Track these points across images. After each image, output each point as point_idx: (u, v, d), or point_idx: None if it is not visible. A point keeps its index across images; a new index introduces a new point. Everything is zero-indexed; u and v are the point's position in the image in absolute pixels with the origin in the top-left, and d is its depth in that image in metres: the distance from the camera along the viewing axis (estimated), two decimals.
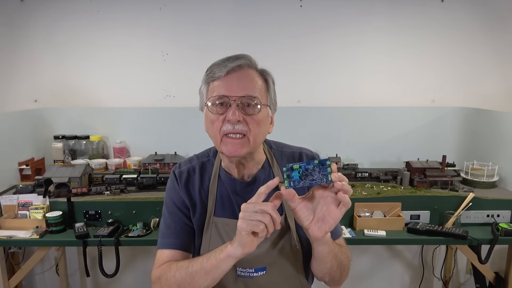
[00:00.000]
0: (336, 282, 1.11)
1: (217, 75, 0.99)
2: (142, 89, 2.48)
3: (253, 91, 0.99)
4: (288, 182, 0.86)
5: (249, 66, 1.01)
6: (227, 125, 0.97)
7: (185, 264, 1.00)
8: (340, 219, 0.88)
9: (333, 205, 0.87)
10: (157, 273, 1.06)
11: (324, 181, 0.85)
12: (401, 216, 1.87)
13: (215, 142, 1.03)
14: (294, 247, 1.09)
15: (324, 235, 0.91)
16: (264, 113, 1.01)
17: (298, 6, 2.41)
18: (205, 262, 0.95)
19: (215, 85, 1.00)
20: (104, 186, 1.98)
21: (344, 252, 1.09)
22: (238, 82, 0.98)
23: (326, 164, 0.85)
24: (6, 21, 2.37)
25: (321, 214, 0.89)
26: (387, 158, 2.47)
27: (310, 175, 0.85)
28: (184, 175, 1.13)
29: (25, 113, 2.32)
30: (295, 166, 0.86)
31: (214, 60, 1.05)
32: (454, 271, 2.59)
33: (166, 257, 1.08)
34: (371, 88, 2.48)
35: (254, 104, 0.99)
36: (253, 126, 0.98)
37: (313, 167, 0.85)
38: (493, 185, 2.11)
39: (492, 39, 2.42)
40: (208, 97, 1.01)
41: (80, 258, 2.59)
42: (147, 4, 2.39)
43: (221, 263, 0.93)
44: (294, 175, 0.86)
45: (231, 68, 0.98)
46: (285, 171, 0.87)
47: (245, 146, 0.99)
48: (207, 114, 1.02)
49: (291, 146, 1.21)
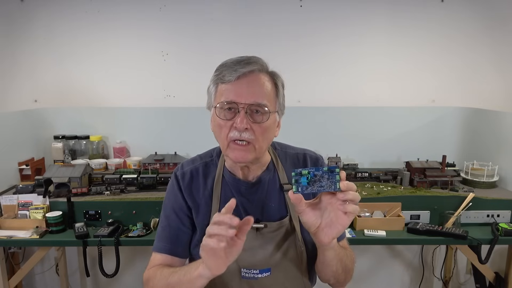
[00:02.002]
0: (340, 284, 1.11)
1: (227, 79, 0.97)
2: (142, 89, 2.48)
3: (262, 98, 0.97)
4: (296, 187, 0.85)
5: (260, 71, 1.00)
6: (234, 132, 0.97)
7: (167, 274, 1.01)
8: (349, 224, 0.87)
9: (341, 211, 0.86)
10: (147, 276, 1.08)
11: (332, 189, 0.84)
12: (401, 216, 1.87)
13: (222, 146, 1.03)
14: (298, 249, 1.09)
15: (331, 241, 0.91)
16: (272, 120, 1.00)
17: (298, 6, 2.41)
18: (182, 276, 0.95)
19: (224, 88, 0.98)
20: (104, 186, 1.99)
21: (349, 255, 1.09)
22: (247, 88, 0.97)
23: (335, 171, 0.83)
24: (6, 21, 2.37)
25: (328, 220, 0.88)
26: (387, 158, 2.47)
27: (318, 182, 0.85)
28: (187, 176, 1.12)
29: (25, 113, 2.32)
30: (303, 172, 0.85)
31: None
32: (454, 271, 2.59)
33: (157, 261, 1.09)
34: (371, 88, 2.49)
35: (262, 111, 0.98)
36: (260, 134, 0.98)
37: (321, 174, 0.84)
38: (493, 185, 2.11)
39: (492, 39, 2.42)
40: (216, 99, 1.00)
41: (80, 258, 2.59)
42: (147, 4, 2.39)
43: (195, 281, 0.91)
44: (303, 180, 0.85)
45: (242, 73, 0.96)
46: (294, 175, 0.86)
47: (250, 153, 0.99)
48: (215, 117, 1.01)
49: (295, 147, 1.21)
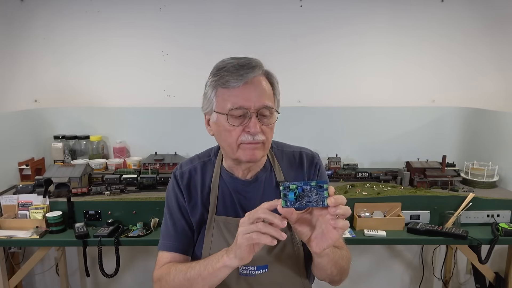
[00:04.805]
0: (336, 282, 1.12)
1: (232, 85, 0.96)
2: (142, 89, 2.48)
3: (269, 101, 0.99)
4: (285, 202, 0.85)
5: (261, 74, 1.01)
6: (247, 135, 0.98)
7: (184, 269, 1.01)
8: (339, 239, 0.88)
9: (331, 225, 0.85)
10: (158, 274, 1.08)
11: (320, 204, 0.83)
12: (401, 216, 1.87)
13: (230, 149, 1.02)
14: (296, 246, 1.10)
15: (322, 251, 0.91)
16: (275, 119, 1.03)
17: (298, 6, 2.41)
18: (203, 269, 0.97)
19: (230, 94, 0.97)
20: (104, 186, 1.98)
21: (344, 255, 1.09)
22: (255, 92, 0.98)
23: (323, 187, 0.82)
24: (6, 21, 2.37)
25: (319, 232, 0.89)
26: (387, 158, 2.47)
27: (306, 197, 0.84)
28: (185, 175, 1.13)
29: (25, 113, 2.31)
30: (291, 186, 0.84)
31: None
32: (454, 271, 2.59)
33: (166, 259, 1.10)
34: (371, 88, 2.48)
35: (270, 113, 1.00)
36: (269, 134, 1.02)
37: (310, 189, 0.83)
38: (493, 185, 2.11)
39: (492, 39, 2.41)
40: (219, 105, 1.00)
41: (80, 258, 2.59)
42: (147, 4, 2.39)
43: (218, 272, 0.94)
44: (290, 195, 0.84)
45: (249, 79, 0.96)
46: (282, 190, 0.85)
47: (261, 151, 1.02)
48: (223, 123, 0.99)
49: (291, 145, 1.22)
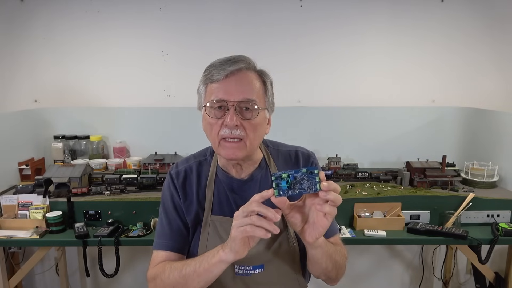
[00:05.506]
0: (332, 280, 1.12)
1: (215, 78, 0.99)
2: (142, 89, 2.48)
3: (251, 95, 0.99)
4: (278, 191, 0.86)
5: (248, 69, 1.02)
6: (225, 129, 0.99)
7: (179, 266, 1.01)
8: (329, 226, 0.89)
9: (321, 212, 0.87)
10: (153, 273, 1.08)
11: (312, 190, 0.84)
12: (401, 216, 1.87)
13: (213, 144, 1.05)
14: (291, 245, 1.10)
15: (315, 241, 0.92)
16: (261, 117, 1.02)
17: (298, 6, 2.41)
18: (198, 266, 0.97)
19: (214, 87, 1.00)
20: (104, 186, 1.98)
21: (339, 251, 1.09)
22: (236, 85, 0.98)
23: (314, 172, 0.83)
24: (6, 21, 2.37)
25: (312, 220, 0.90)
26: (387, 158, 2.47)
27: (298, 184, 0.85)
28: (181, 174, 1.14)
29: (25, 113, 2.32)
30: (283, 175, 0.85)
31: (214, 59, 1.04)
32: (454, 271, 2.59)
33: (161, 258, 1.10)
34: (371, 88, 2.48)
35: (251, 108, 0.99)
36: (250, 131, 1.00)
37: (301, 176, 0.84)
38: (493, 185, 2.11)
39: (492, 39, 2.42)
40: (206, 99, 1.02)
41: (80, 258, 2.59)
42: (147, 4, 2.39)
43: (213, 268, 0.94)
44: (283, 184, 0.85)
45: (230, 72, 0.98)
46: (274, 180, 0.86)
47: (242, 150, 1.01)
48: (205, 116, 1.02)
49: (287, 145, 1.22)
